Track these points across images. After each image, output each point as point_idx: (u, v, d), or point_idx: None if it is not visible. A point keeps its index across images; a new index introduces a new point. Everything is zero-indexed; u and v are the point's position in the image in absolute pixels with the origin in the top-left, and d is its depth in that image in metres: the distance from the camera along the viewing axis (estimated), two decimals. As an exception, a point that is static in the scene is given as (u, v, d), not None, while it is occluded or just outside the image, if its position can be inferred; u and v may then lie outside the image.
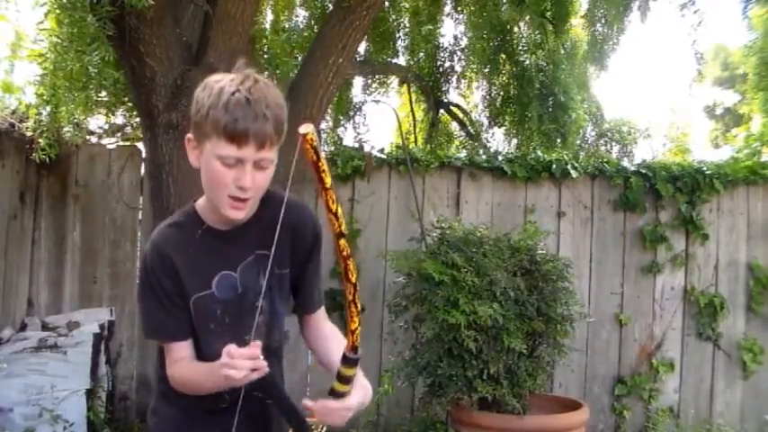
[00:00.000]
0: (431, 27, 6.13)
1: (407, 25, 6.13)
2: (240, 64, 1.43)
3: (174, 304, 1.46)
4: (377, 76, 6.22)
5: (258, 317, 1.45)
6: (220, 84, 1.35)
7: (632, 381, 4.32)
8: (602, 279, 4.39)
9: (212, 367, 1.35)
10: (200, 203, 1.50)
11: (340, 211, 1.24)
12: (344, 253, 1.27)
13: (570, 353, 3.52)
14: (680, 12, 4.87)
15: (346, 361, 1.32)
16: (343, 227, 1.25)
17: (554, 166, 4.34)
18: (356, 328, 1.30)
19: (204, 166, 1.40)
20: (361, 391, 1.38)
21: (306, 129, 1.17)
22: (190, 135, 1.42)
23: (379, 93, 6.35)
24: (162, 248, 1.47)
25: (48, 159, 3.72)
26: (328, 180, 1.23)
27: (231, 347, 1.30)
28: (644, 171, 4.38)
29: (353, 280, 1.28)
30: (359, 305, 1.30)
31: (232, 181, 1.36)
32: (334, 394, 1.34)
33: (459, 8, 6.17)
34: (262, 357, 1.30)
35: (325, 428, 1.48)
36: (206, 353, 1.47)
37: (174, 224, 1.51)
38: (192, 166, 1.45)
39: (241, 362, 1.28)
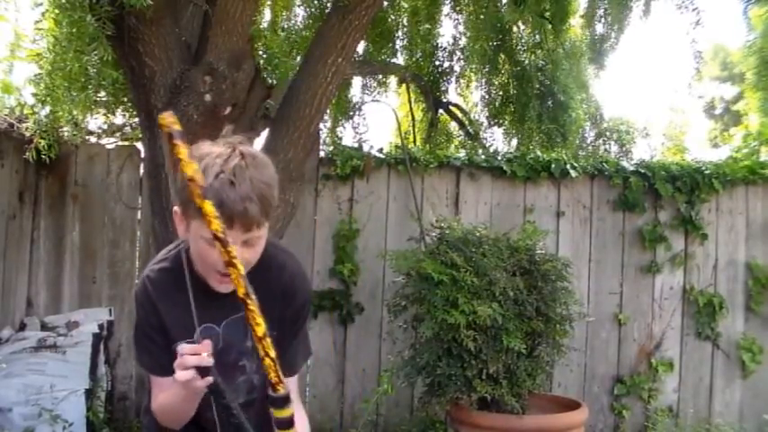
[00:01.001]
0: (429, 27, 6.12)
1: (406, 25, 6.13)
2: (227, 131, 1.40)
3: (162, 340, 1.47)
4: (376, 76, 6.21)
5: (241, 376, 1.48)
6: (205, 162, 1.30)
7: (631, 380, 4.32)
8: (602, 279, 4.40)
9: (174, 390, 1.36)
10: None
11: (210, 208, 1.10)
12: (226, 258, 1.14)
13: (569, 352, 3.52)
14: (678, 10, 4.88)
15: (273, 402, 1.22)
16: (216, 227, 1.11)
17: (553, 166, 4.34)
18: (274, 359, 1.18)
19: (192, 242, 1.39)
20: None
21: (164, 115, 1.09)
22: (176, 209, 1.40)
23: (378, 92, 6.34)
24: (149, 290, 1.48)
25: (47, 159, 3.72)
26: (189, 170, 1.10)
27: (181, 345, 1.30)
28: (643, 171, 4.39)
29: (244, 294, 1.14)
30: (261, 324, 1.16)
31: (220, 260, 1.33)
32: None
33: (457, 8, 6.16)
34: (208, 355, 1.28)
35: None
36: None
37: (165, 269, 1.50)
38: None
39: (187, 357, 1.27)
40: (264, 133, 3.66)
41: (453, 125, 6.59)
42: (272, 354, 1.19)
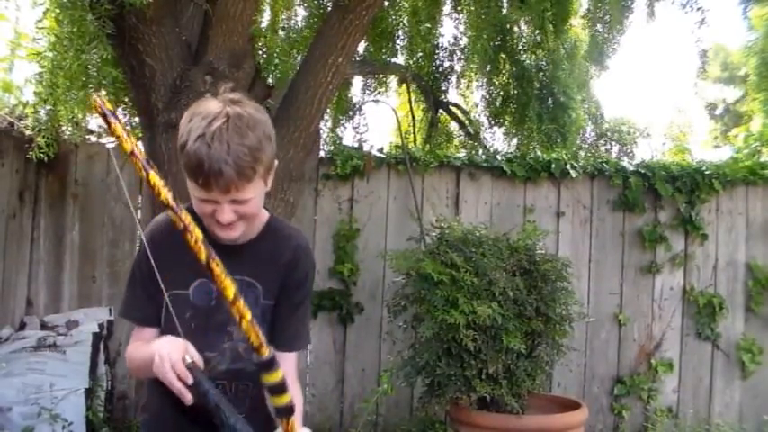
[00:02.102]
0: (430, 26, 6.12)
1: (406, 25, 6.12)
2: (225, 89, 1.43)
3: (151, 289, 1.47)
4: (376, 76, 6.21)
5: (227, 342, 1.49)
6: (193, 122, 1.34)
7: (631, 381, 4.32)
8: (601, 279, 4.40)
9: (150, 351, 1.37)
10: None
11: (155, 179, 1.23)
12: (181, 225, 1.22)
13: (569, 353, 3.52)
14: (682, 9, 4.88)
15: (260, 366, 1.21)
16: (164, 196, 1.23)
17: (553, 166, 4.34)
18: (251, 320, 1.20)
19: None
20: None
21: (96, 95, 1.18)
22: None
23: (378, 92, 6.34)
24: (155, 234, 1.51)
25: (47, 158, 3.72)
26: (127, 146, 1.24)
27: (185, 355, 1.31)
28: (643, 171, 4.39)
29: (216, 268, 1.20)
30: (229, 287, 1.20)
31: (212, 214, 1.38)
32: (280, 411, 1.25)
33: (458, 8, 6.16)
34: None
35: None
36: None
37: None
38: None
39: (172, 378, 1.28)
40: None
41: (453, 125, 6.59)
42: (249, 316, 1.20)
